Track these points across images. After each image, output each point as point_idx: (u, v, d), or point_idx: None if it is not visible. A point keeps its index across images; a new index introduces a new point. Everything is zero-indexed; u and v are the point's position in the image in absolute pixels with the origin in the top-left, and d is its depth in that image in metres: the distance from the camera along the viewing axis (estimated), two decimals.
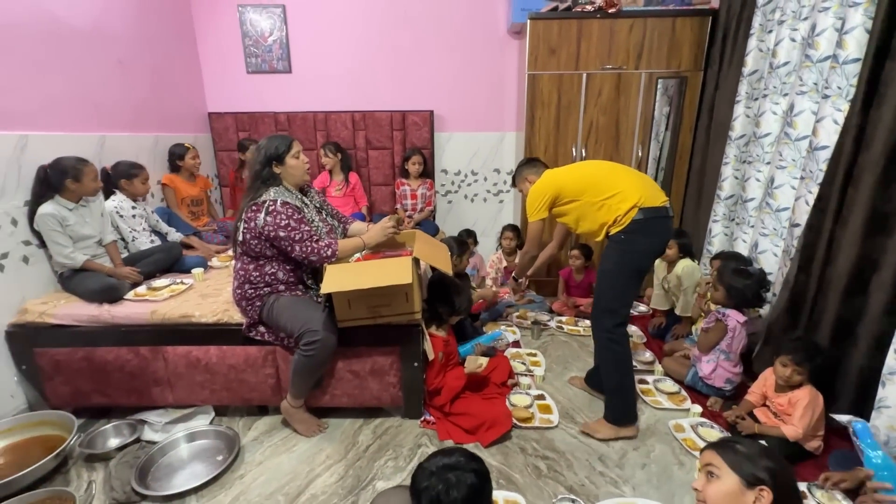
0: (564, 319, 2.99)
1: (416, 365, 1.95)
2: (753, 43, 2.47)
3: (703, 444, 1.81)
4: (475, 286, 3.02)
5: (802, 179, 2.07)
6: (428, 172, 3.62)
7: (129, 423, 1.98)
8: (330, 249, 1.80)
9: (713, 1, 2.91)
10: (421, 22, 3.48)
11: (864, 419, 1.50)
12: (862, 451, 1.44)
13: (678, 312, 2.65)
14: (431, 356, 1.98)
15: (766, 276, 2.17)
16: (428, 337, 2.00)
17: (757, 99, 2.47)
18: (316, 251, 1.79)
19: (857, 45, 1.80)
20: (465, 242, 2.80)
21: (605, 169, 1.91)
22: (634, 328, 2.80)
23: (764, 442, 1.68)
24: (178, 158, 2.97)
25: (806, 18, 2.12)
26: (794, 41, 2.20)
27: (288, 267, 1.88)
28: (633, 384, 1.97)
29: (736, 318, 2.06)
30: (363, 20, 3.48)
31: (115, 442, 1.91)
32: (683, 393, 2.18)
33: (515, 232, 3.25)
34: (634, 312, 3.04)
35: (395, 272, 1.73)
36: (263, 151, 1.81)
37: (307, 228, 1.80)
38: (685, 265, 2.59)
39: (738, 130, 2.60)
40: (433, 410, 2.03)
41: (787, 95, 2.26)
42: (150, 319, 1.94)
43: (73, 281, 2.05)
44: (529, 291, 3.36)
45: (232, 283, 1.94)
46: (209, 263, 2.57)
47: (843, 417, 1.51)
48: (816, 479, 1.56)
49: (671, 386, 2.23)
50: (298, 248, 1.77)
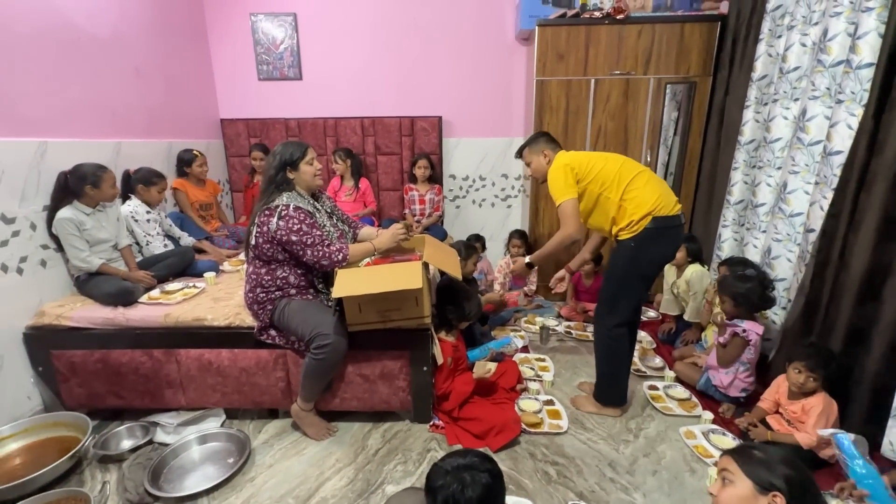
0: (573, 325, 2.99)
1: (425, 369, 1.96)
2: (763, 48, 2.46)
3: (714, 450, 1.80)
4: (482, 290, 3.02)
5: (817, 185, 2.06)
6: (436, 177, 3.64)
7: (141, 424, 2.01)
8: (341, 254, 1.82)
9: (722, 6, 2.91)
10: (430, 29, 3.52)
11: (877, 426, 1.49)
12: (846, 462, 1.45)
13: (687, 318, 2.63)
14: (440, 361, 1.98)
15: (766, 276, 2.15)
16: (437, 341, 2.01)
17: (767, 104, 2.46)
18: (327, 255, 1.80)
19: (870, 49, 1.80)
20: (472, 246, 2.80)
21: (629, 167, 1.89)
22: (644, 333, 2.78)
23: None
24: (185, 165, 3.00)
25: (817, 23, 2.12)
26: (804, 46, 2.19)
27: (299, 271, 1.90)
28: (625, 375, 2.03)
29: (755, 330, 2.04)
30: (372, 28, 3.52)
31: (128, 444, 1.93)
32: (694, 399, 2.17)
33: (523, 238, 3.25)
34: (644, 318, 3.02)
35: (405, 277, 1.75)
36: (279, 157, 1.84)
37: (319, 233, 1.82)
38: (694, 270, 2.58)
39: (747, 135, 2.59)
40: (442, 415, 2.04)
41: (798, 100, 2.25)
42: (163, 322, 1.97)
43: (89, 284, 2.09)
44: (538, 296, 3.37)
45: (244, 286, 1.97)
46: (220, 267, 2.61)
47: (825, 431, 1.56)
48: (831, 487, 1.53)
49: (682, 392, 2.21)
50: (310, 252, 1.79)
